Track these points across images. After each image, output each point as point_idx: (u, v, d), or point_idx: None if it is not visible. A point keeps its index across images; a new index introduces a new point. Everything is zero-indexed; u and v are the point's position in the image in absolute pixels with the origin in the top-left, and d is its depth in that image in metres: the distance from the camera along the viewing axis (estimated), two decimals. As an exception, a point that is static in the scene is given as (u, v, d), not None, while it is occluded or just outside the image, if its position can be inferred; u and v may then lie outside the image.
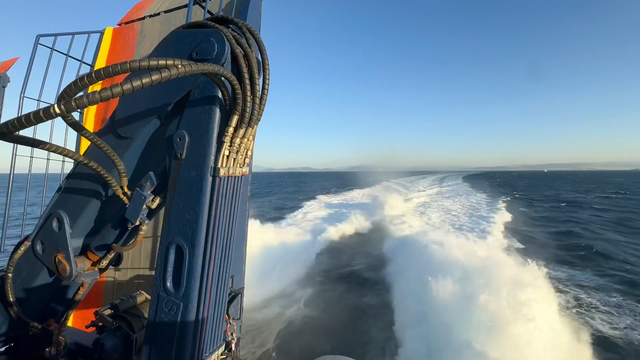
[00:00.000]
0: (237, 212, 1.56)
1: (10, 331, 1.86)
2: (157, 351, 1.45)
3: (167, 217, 1.46)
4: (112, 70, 0.85)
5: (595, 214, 35.32)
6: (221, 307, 1.57)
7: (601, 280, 15.01)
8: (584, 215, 34.35)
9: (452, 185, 68.68)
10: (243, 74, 1.35)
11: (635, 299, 12.84)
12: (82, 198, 1.66)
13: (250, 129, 1.43)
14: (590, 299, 13.02)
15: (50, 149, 1.20)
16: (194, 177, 1.40)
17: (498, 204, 36.60)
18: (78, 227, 1.67)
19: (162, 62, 0.95)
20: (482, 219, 27.11)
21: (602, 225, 28.17)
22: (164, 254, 1.46)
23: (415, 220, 25.56)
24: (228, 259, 1.55)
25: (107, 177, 1.51)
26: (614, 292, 13.59)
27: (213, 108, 1.37)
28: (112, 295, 4.21)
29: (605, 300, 12.94)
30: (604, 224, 28.93)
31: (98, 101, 0.82)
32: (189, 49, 1.37)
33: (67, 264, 1.59)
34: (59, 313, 1.89)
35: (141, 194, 1.52)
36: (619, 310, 12.11)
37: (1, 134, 0.87)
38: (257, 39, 1.47)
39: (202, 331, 1.46)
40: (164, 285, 1.44)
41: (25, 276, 1.77)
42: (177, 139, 1.42)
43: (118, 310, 1.98)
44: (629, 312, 11.91)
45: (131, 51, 4.67)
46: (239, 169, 1.51)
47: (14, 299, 1.77)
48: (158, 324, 1.45)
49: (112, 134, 1.59)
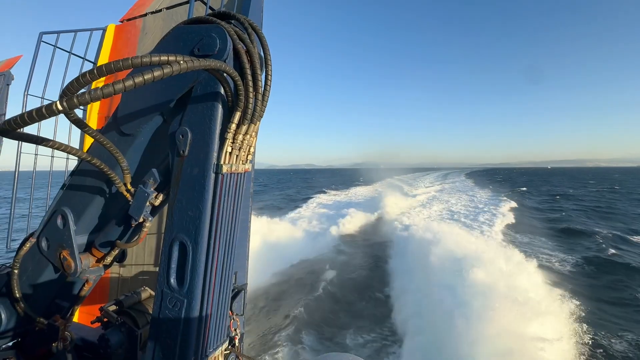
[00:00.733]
0: (240, 208, 1.56)
1: (17, 326, 1.88)
2: (161, 347, 1.46)
3: (171, 214, 1.46)
4: (114, 67, 0.85)
5: (577, 203, 42.56)
6: (225, 303, 1.57)
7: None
8: (567, 204, 40.91)
9: (455, 182, 69.80)
10: (245, 70, 1.34)
11: (567, 243, 20.97)
12: (86, 195, 1.67)
13: (252, 125, 1.43)
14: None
15: (54, 146, 1.20)
16: (197, 174, 1.40)
17: (499, 197, 40.98)
18: (82, 224, 1.68)
19: (164, 58, 0.94)
20: (482, 211, 29.34)
21: (578, 211, 34.98)
22: (167, 251, 1.46)
23: (417, 216, 26.32)
24: (231, 256, 1.55)
25: (110, 174, 1.51)
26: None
27: (215, 105, 1.36)
28: (116, 291, 4.25)
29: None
30: (581, 210, 35.64)
31: (100, 98, 0.82)
32: (191, 45, 1.36)
33: (72, 260, 1.60)
34: (65, 309, 1.91)
35: (144, 191, 1.52)
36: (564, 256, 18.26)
37: (5, 131, 0.87)
38: (260, 34, 1.45)
39: (206, 327, 1.47)
40: (168, 282, 1.44)
41: (31, 272, 1.79)
42: (179, 135, 1.42)
43: (123, 306, 2.00)
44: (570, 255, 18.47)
45: (133, 48, 4.66)
46: (242, 166, 1.51)
47: (20, 295, 1.79)
48: (162, 320, 1.46)
49: (115, 131, 1.59)
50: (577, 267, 16.42)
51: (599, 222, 28.53)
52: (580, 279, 14.93)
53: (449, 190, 50.47)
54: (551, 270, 15.41)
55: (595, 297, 12.95)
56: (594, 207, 37.70)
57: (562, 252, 18.88)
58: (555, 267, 16.28)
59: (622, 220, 29.40)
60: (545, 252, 18.95)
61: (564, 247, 20.06)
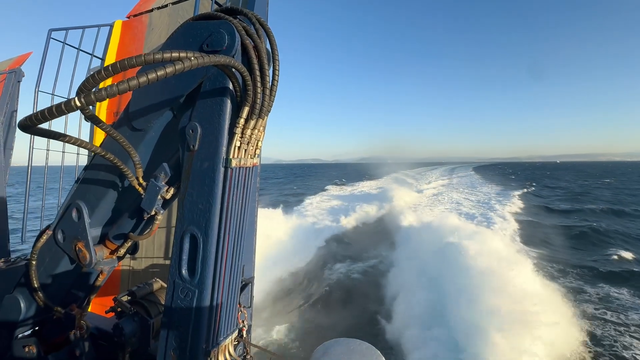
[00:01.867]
0: (249, 202, 1.59)
1: (37, 315, 1.96)
2: (174, 335, 1.51)
3: (181, 207, 1.50)
4: (127, 63, 0.88)
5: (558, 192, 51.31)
6: (234, 294, 1.62)
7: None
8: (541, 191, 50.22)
9: (461, 177, 70.80)
10: (253, 65, 1.36)
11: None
12: (100, 189, 1.72)
13: (260, 120, 1.45)
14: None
15: (70, 141, 1.25)
16: (207, 168, 1.43)
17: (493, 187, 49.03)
18: (96, 216, 1.73)
19: (175, 54, 0.97)
20: (485, 204, 32.33)
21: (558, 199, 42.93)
22: (178, 243, 1.50)
23: (423, 211, 26.96)
24: (240, 248, 1.59)
25: (123, 168, 1.55)
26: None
27: (224, 100, 1.39)
28: (127, 283, 4.35)
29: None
30: (563, 198, 43.52)
31: (116, 94, 0.85)
32: (200, 40, 1.38)
33: (87, 252, 1.65)
34: (80, 299, 1.98)
35: (156, 185, 1.56)
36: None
37: (25, 127, 0.91)
38: (267, 29, 1.47)
39: (217, 316, 1.51)
40: (180, 273, 1.49)
41: (48, 264, 1.85)
42: (189, 130, 1.45)
43: (135, 297, 2.06)
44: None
45: (140, 44, 4.70)
46: (250, 160, 1.53)
47: (38, 285, 1.86)
48: (175, 309, 1.51)
49: (126, 126, 1.63)
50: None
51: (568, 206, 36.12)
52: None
53: (455, 185, 51.88)
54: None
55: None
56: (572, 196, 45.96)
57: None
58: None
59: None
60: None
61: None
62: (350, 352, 1.55)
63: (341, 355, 1.53)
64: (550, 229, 24.08)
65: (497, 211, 27.46)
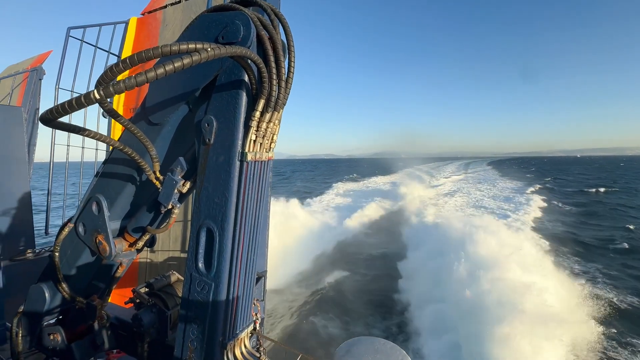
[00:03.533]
0: (264, 196, 1.59)
1: (61, 305, 2.03)
2: (191, 327, 1.53)
3: (197, 201, 1.51)
4: (145, 56, 0.87)
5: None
6: (250, 287, 1.62)
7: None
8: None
9: (476, 172, 70.47)
10: (269, 56, 1.34)
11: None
12: (118, 182, 1.75)
13: (276, 113, 1.43)
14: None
15: (89, 135, 1.26)
16: (222, 162, 1.43)
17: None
18: (115, 210, 1.76)
19: (191, 46, 0.96)
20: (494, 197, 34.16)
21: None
22: (195, 237, 1.51)
23: (436, 206, 27.34)
24: (255, 242, 1.59)
25: (140, 162, 1.57)
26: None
27: (240, 92, 1.38)
28: (144, 275, 4.47)
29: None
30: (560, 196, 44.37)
31: (134, 86, 0.84)
32: (215, 32, 1.37)
33: (107, 244, 1.69)
34: (101, 289, 2.03)
35: (172, 179, 1.57)
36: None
37: (47, 120, 0.92)
38: (282, 20, 1.44)
39: (233, 309, 1.52)
40: (196, 266, 1.50)
41: (70, 255, 1.91)
42: (205, 124, 1.44)
43: (153, 289, 2.10)
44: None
45: (155, 40, 4.75)
46: (265, 154, 1.52)
47: (61, 275, 1.91)
48: (192, 302, 1.52)
49: (143, 120, 1.64)
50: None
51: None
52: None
53: (472, 180, 51.99)
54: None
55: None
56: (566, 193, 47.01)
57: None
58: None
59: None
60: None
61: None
62: (374, 351, 1.52)
63: (365, 354, 1.50)
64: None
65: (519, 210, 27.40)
